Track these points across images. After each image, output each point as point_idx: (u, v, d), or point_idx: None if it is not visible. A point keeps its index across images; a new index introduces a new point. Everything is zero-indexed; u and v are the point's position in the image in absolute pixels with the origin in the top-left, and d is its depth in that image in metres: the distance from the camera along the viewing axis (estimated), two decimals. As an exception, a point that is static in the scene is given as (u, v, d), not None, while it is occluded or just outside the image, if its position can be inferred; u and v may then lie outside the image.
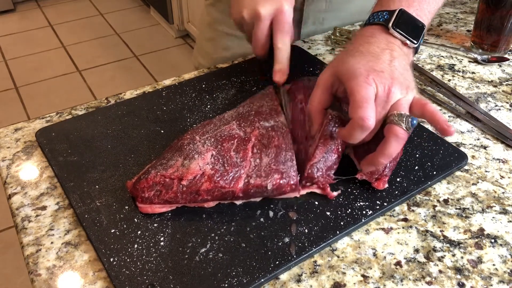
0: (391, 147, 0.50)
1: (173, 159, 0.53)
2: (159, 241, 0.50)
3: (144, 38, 2.98)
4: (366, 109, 0.48)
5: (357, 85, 0.50)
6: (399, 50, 0.55)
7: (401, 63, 0.53)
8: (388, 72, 0.51)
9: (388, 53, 0.53)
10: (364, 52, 0.53)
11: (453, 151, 0.60)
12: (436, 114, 0.51)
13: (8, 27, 3.10)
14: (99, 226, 0.51)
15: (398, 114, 0.50)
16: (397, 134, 0.49)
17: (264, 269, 0.47)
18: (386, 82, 0.50)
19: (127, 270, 0.47)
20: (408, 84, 0.52)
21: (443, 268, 0.49)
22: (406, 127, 0.49)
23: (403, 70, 0.53)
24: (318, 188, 0.55)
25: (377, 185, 0.54)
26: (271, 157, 0.53)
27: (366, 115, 0.48)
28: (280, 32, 0.63)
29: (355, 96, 0.49)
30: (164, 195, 0.51)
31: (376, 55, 0.53)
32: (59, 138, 0.63)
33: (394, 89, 0.51)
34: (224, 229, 0.51)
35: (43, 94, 2.49)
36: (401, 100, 0.51)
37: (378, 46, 0.54)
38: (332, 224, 0.51)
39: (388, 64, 0.52)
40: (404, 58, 0.55)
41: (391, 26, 0.55)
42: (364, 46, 0.54)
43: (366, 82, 0.50)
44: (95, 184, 0.56)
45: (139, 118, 0.66)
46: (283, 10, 0.63)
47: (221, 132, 0.56)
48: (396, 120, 0.49)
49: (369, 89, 0.49)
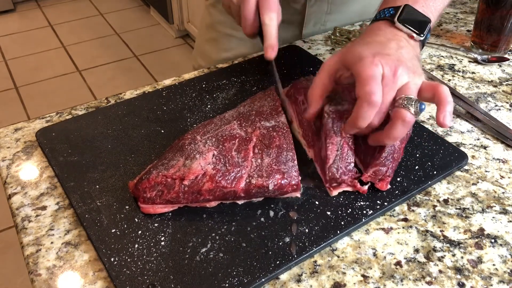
0: (397, 130, 0.50)
1: (174, 159, 0.53)
2: (159, 241, 0.50)
3: (144, 38, 2.98)
4: (372, 85, 0.49)
5: (363, 66, 0.50)
6: (405, 42, 0.55)
7: (408, 53, 0.54)
8: (395, 55, 0.52)
9: (395, 43, 0.54)
10: (371, 42, 0.55)
11: (453, 151, 0.60)
12: (444, 102, 0.50)
13: (8, 27, 3.10)
14: (100, 226, 0.51)
15: (407, 98, 0.50)
16: (404, 118, 0.49)
17: (264, 268, 0.47)
18: (392, 63, 0.51)
19: (128, 270, 0.47)
20: (415, 69, 0.53)
21: (443, 268, 0.49)
22: (414, 111, 0.49)
23: (411, 58, 0.54)
24: (348, 186, 0.55)
25: (381, 186, 0.54)
26: (272, 157, 0.53)
27: (372, 90, 0.49)
28: (266, 9, 0.64)
29: (361, 76, 0.50)
30: (166, 195, 0.51)
31: (382, 43, 0.54)
32: (59, 138, 0.63)
33: (401, 70, 0.51)
34: (224, 229, 0.51)
35: (43, 94, 2.49)
36: (409, 84, 0.51)
37: (385, 37, 0.55)
38: (333, 224, 0.51)
39: (396, 50, 0.53)
40: (411, 50, 0.55)
41: (397, 20, 0.56)
42: (371, 37, 0.56)
43: (373, 63, 0.50)
44: (96, 184, 0.56)
45: (140, 118, 0.66)
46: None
47: (222, 132, 0.56)
48: (405, 104, 0.49)
49: (375, 69, 0.50)
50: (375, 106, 0.49)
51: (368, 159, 0.55)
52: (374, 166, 0.54)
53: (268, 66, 0.66)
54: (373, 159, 0.54)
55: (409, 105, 0.49)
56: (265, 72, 0.75)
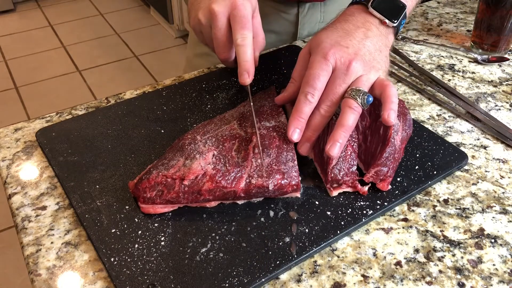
0: (346, 118, 0.52)
1: (174, 159, 0.53)
2: (159, 240, 0.50)
3: (144, 38, 2.98)
4: (312, 84, 0.53)
5: (314, 61, 0.53)
6: (375, 30, 0.56)
7: (375, 44, 0.55)
8: (354, 48, 0.54)
9: (362, 32, 0.55)
10: (338, 28, 0.56)
11: (453, 151, 0.60)
12: (388, 100, 0.53)
13: (8, 27, 3.10)
14: (100, 226, 0.51)
15: (356, 90, 0.53)
16: (351, 106, 0.52)
17: (264, 269, 0.47)
18: (347, 56, 0.53)
19: (128, 270, 0.47)
20: (374, 65, 0.54)
21: (443, 268, 0.49)
22: (361, 102, 0.52)
23: (374, 51, 0.55)
24: (348, 187, 0.55)
25: (382, 186, 0.54)
26: (272, 157, 0.53)
27: (310, 90, 0.53)
28: (237, 26, 0.58)
29: (308, 71, 0.54)
30: (166, 195, 0.51)
31: (348, 32, 0.55)
32: (59, 138, 0.63)
33: (355, 63, 0.53)
34: (224, 229, 0.51)
35: (43, 94, 2.49)
36: (362, 77, 0.54)
37: (354, 24, 0.56)
38: (333, 224, 0.51)
39: (358, 42, 0.54)
40: (381, 39, 0.56)
41: (370, 5, 0.56)
42: (341, 23, 0.57)
43: (324, 58, 0.53)
44: (96, 184, 0.56)
45: (140, 118, 0.66)
46: (237, 4, 0.59)
47: (222, 132, 0.55)
48: (352, 95, 0.52)
49: (324, 67, 0.53)
50: (309, 104, 0.53)
51: (369, 159, 0.55)
52: (376, 166, 0.54)
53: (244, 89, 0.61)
54: (374, 159, 0.54)
55: (356, 96, 0.52)
56: (265, 71, 0.75)
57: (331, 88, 0.54)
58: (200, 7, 0.62)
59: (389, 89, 0.53)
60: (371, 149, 0.56)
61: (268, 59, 0.78)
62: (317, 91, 0.53)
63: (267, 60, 0.77)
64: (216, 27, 0.60)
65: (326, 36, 0.55)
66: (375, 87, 0.55)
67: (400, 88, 0.75)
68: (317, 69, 0.53)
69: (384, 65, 0.56)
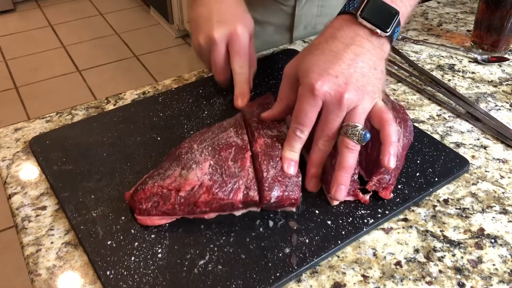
0: (345, 158, 0.50)
1: (170, 168, 0.51)
2: (156, 253, 0.48)
3: (144, 38, 2.98)
4: (299, 122, 0.51)
5: (301, 95, 0.51)
6: (366, 45, 0.51)
7: (368, 61, 0.51)
8: (344, 76, 0.49)
9: (353, 51, 0.51)
10: (326, 50, 0.51)
11: (454, 157, 0.59)
12: (387, 142, 0.50)
13: (8, 27, 3.10)
14: (95, 237, 0.49)
15: (352, 127, 0.50)
16: (348, 146, 0.50)
17: (264, 281, 0.46)
18: (337, 89, 0.49)
19: (124, 284, 0.45)
20: (368, 90, 0.51)
21: (443, 268, 0.49)
22: (358, 139, 0.49)
23: (368, 70, 0.51)
24: (349, 196, 0.54)
25: (384, 195, 0.54)
26: (278, 169, 0.51)
27: (298, 126, 0.51)
28: (236, 55, 0.63)
29: (297, 105, 0.51)
30: (161, 207, 0.50)
31: (337, 54, 0.51)
32: (53, 146, 0.61)
33: (347, 95, 0.49)
34: (223, 240, 0.49)
35: (43, 94, 2.49)
36: (357, 109, 0.50)
37: (343, 41, 0.51)
38: (334, 234, 0.50)
39: (348, 65, 0.50)
40: (374, 53, 0.52)
41: (359, 15, 0.51)
42: (328, 42, 0.52)
43: (312, 93, 0.49)
44: (91, 194, 0.54)
45: (135, 125, 0.64)
46: (237, 32, 0.63)
47: (219, 140, 0.53)
48: (348, 134, 0.50)
49: (311, 102, 0.50)
50: (299, 139, 0.51)
51: (371, 167, 0.55)
52: (379, 174, 0.53)
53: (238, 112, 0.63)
54: (376, 167, 0.54)
55: (353, 135, 0.49)
56: (263, 76, 0.74)
57: (325, 124, 0.51)
58: (201, 32, 0.65)
59: (388, 127, 0.50)
60: (373, 156, 0.55)
61: (265, 63, 0.76)
62: (306, 126, 0.51)
63: (265, 65, 0.76)
64: (215, 52, 0.64)
65: (313, 62, 0.51)
66: (373, 117, 0.52)
67: (400, 88, 0.75)
68: (305, 105, 0.50)
69: (380, 85, 0.53)
